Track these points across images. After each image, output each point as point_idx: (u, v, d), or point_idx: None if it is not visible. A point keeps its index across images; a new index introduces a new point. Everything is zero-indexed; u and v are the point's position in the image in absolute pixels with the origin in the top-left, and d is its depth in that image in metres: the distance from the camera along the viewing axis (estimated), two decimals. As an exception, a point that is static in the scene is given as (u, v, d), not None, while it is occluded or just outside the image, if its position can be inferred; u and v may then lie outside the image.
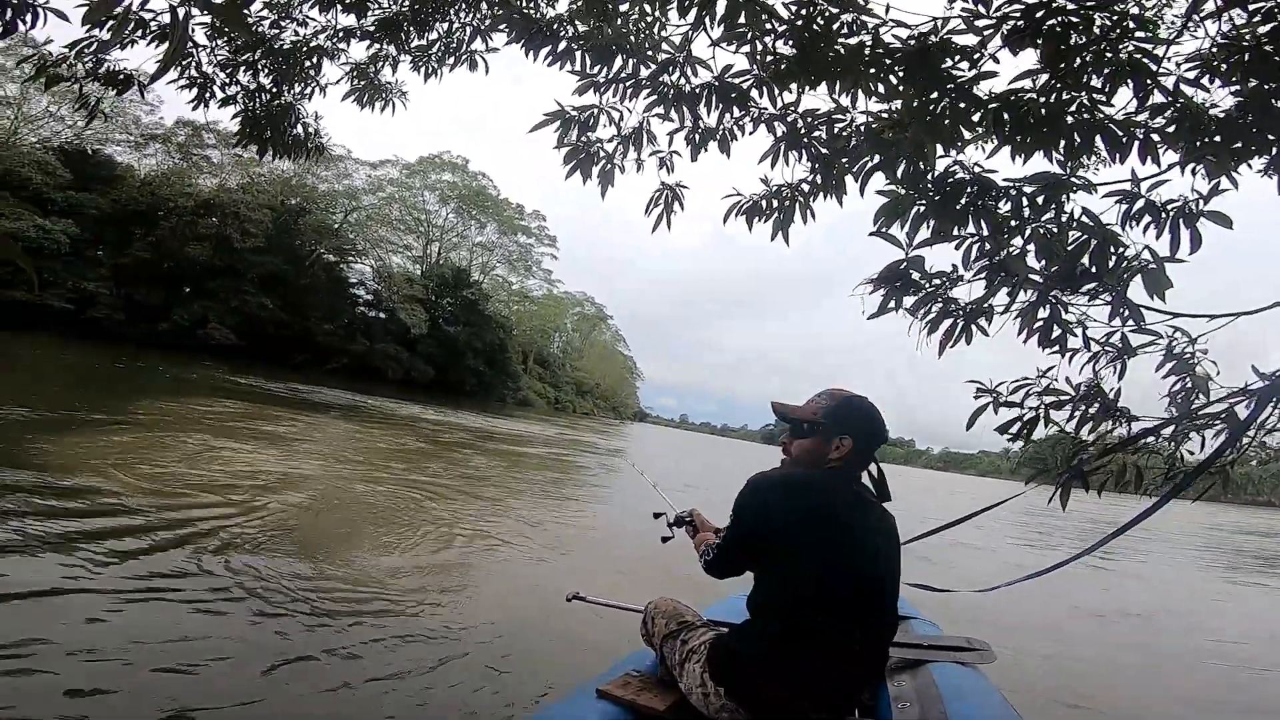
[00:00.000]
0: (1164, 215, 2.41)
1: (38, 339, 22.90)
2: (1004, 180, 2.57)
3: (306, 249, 41.49)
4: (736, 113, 3.21)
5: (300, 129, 4.80)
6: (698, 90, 3.16)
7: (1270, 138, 2.31)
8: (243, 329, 35.43)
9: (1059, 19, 2.29)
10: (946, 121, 2.52)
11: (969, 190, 2.57)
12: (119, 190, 33.24)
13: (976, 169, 2.59)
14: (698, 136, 3.31)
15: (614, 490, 12.51)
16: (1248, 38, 2.24)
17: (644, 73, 3.18)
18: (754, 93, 3.12)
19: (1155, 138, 2.47)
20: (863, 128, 2.92)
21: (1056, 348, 2.61)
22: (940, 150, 2.59)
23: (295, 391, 21.64)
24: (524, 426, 27.70)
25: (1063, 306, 2.56)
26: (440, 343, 45.29)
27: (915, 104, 2.57)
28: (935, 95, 2.52)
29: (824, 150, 3.10)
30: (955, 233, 2.60)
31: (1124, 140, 2.44)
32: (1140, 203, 2.44)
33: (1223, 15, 2.33)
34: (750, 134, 3.30)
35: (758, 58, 2.91)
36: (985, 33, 2.44)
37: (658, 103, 3.23)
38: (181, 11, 1.68)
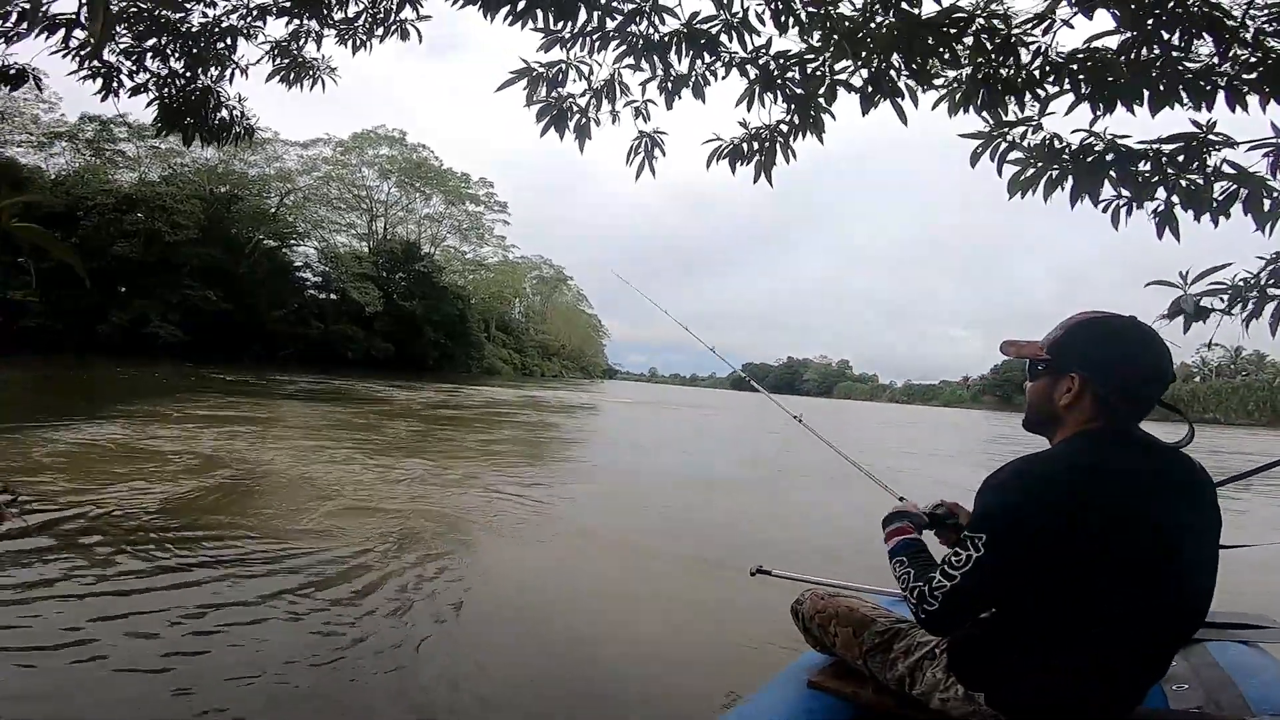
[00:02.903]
0: None
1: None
2: (1139, 143, 2.58)
3: (244, 236, 39.87)
4: (708, 59, 3.03)
5: (225, 113, 4.41)
6: (667, 39, 2.97)
7: None
8: (189, 324, 34.11)
9: None
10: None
11: (1111, 156, 2.59)
12: (29, 192, 31.19)
13: (1110, 136, 2.61)
14: (670, 84, 3.14)
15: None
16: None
17: (610, 25, 2.94)
18: (724, 38, 2.95)
19: (1243, 89, 2.47)
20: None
21: None
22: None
23: (276, 382, 21.15)
24: (509, 393, 27.51)
25: None
26: (397, 319, 44.39)
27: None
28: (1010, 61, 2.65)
29: (799, 90, 2.98)
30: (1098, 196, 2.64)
31: (1208, 89, 2.44)
32: None
33: None
34: (723, 79, 3.14)
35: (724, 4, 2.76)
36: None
37: (627, 53, 3.07)
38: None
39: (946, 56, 2.73)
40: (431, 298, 46.89)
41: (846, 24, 2.71)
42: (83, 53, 3.97)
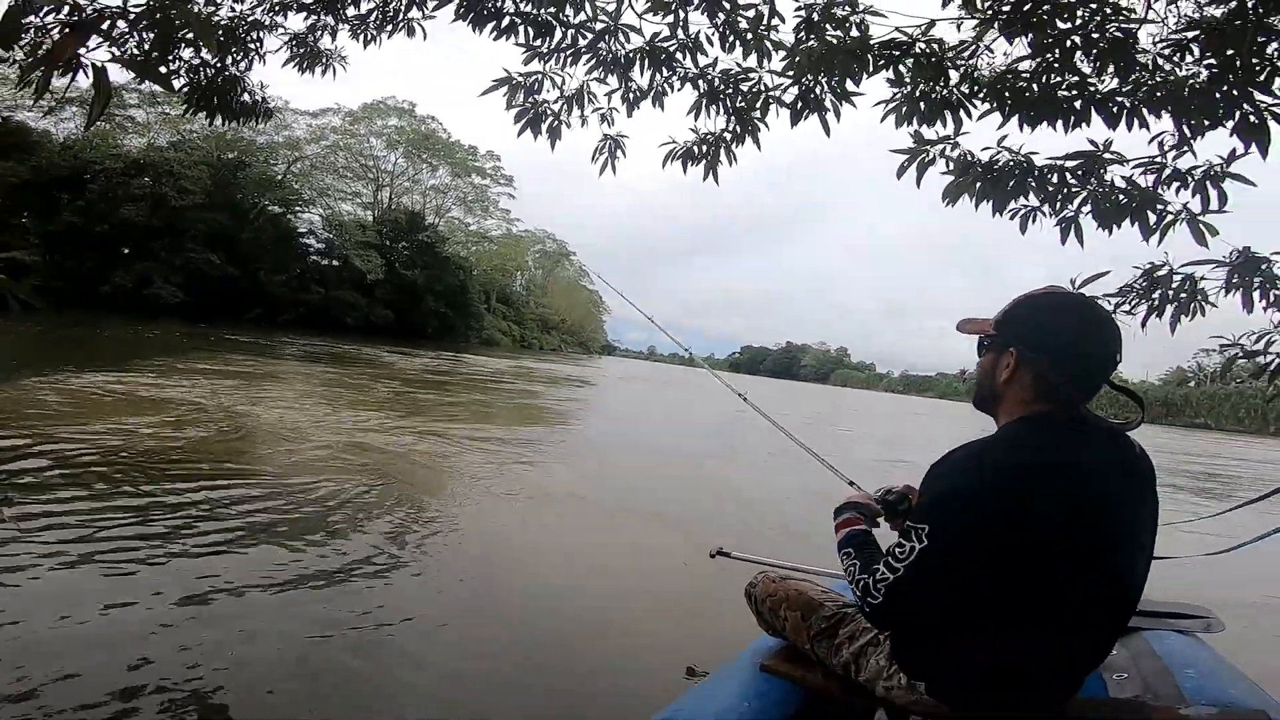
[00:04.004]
0: (1191, 179, 2.72)
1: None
2: (1047, 159, 2.93)
3: (249, 202, 40.26)
4: (665, 73, 3.53)
5: (247, 96, 4.91)
6: (631, 55, 3.47)
7: (1225, 106, 2.56)
8: (193, 287, 34.66)
9: (1044, 8, 2.62)
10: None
11: (1017, 171, 2.95)
12: (38, 156, 31.56)
13: (1021, 155, 2.96)
14: (632, 96, 3.64)
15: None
16: (1211, 19, 2.53)
17: (583, 42, 3.45)
18: (679, 55, 3.45)
19: (1143, 109, 2.75)
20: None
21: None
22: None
23: (279, 345, 21.76)
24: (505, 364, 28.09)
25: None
26: (398, 287, 44.92)
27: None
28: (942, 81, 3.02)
29: (739, 105, 3.50)
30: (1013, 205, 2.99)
31: (1115, 111, 2.75)
32: (1169, 170, 2.78)
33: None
34: (679, 91, 3.63)
35: (680, 26, 3.25)
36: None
37: (596, 67, 3.55)
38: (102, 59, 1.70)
39: (890, 76, 3.20)
40: (434, 267, 47.33)
41: (771, 46, 3.23)
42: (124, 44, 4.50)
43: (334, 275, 43.56)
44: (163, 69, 4.57)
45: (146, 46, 4.45)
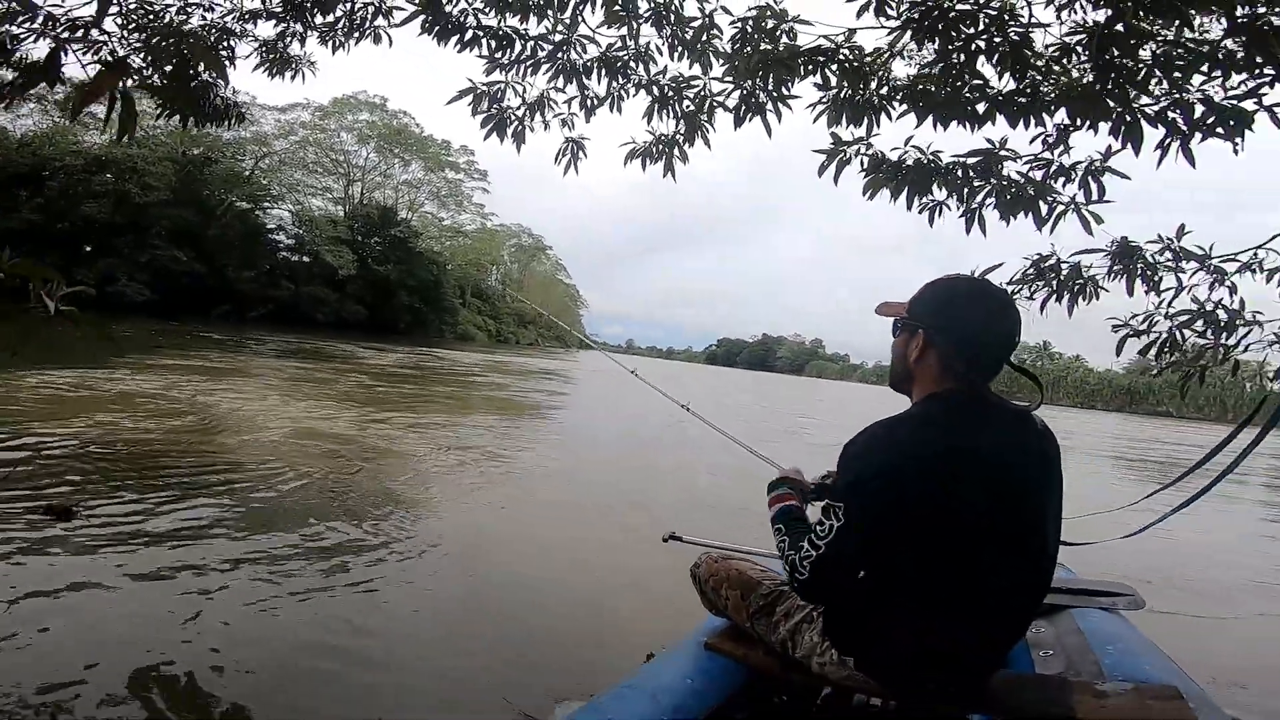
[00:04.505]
0: (1074, 174, 2.97)
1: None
2: (953, 156, 3.17)
3: (216, 198, 39.69)
4: (620, 80, 3.79)
5: (219, 100, 5.05)
6: (588, 64, 3.72)
7: (1110, 104, 2.77)
8: (156, 284, 34.18)
9: (950, 15, 2.86)
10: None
11: (920, 168, 3.21)
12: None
13: (928, 153, 3.20)
14: (590, 102, 3.88)
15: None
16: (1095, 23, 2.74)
17: (542, 53, 3.68)
18: (632, 64, 3.71)
19: (1039, 109, 2.96)
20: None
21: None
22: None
23: (249, 341, 21.55)
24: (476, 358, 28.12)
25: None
26: (370, 283, 44.74)
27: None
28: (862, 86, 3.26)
29: (688, 109, 3.77)
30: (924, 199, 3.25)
31: (1015, 110, 2.96)
32: (1055, 165, 3.04)
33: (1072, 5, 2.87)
34: (633, 96, 3.89)
35: (630, 38, 3.51)
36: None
37: (555, 76, 3.78)
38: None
39: (818, 80, 3.48)
40: (406, 262, 47.14)
41: (713, 55, 3.50)
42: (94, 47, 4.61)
43: (304, 271, 43.13)
44: (137, 76, 4.74)
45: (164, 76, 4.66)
